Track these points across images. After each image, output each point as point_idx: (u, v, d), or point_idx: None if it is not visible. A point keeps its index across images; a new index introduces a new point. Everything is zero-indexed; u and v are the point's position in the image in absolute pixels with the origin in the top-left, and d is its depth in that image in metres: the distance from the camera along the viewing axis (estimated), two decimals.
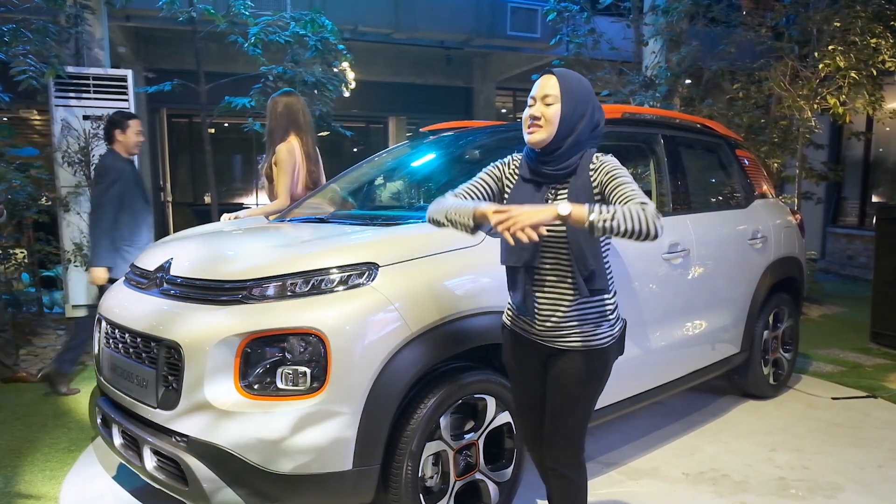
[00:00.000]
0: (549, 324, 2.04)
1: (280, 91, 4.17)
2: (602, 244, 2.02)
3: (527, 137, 2.01)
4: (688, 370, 3.57)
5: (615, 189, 1.90)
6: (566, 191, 2.00)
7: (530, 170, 2.05)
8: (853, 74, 6.40)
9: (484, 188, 2.12)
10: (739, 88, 7.23)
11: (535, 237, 1.74)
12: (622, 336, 2.16)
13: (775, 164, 7.05)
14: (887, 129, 8.99)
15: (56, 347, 5.45)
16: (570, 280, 1.99)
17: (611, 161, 1.99)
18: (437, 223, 2.04)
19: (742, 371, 4.11)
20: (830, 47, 6.45)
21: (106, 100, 5.86)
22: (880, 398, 4.30)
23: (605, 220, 1.74)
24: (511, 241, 1.79)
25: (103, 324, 2.75)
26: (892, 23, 6.51)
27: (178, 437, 2.27)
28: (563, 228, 1.94)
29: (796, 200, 7.16)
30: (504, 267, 2.11)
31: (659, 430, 3.76)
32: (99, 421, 2.79)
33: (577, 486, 2.14)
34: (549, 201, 2.01)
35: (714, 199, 4.20)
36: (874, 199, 9.78)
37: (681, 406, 4.13)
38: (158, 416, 2.32)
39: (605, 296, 2.05)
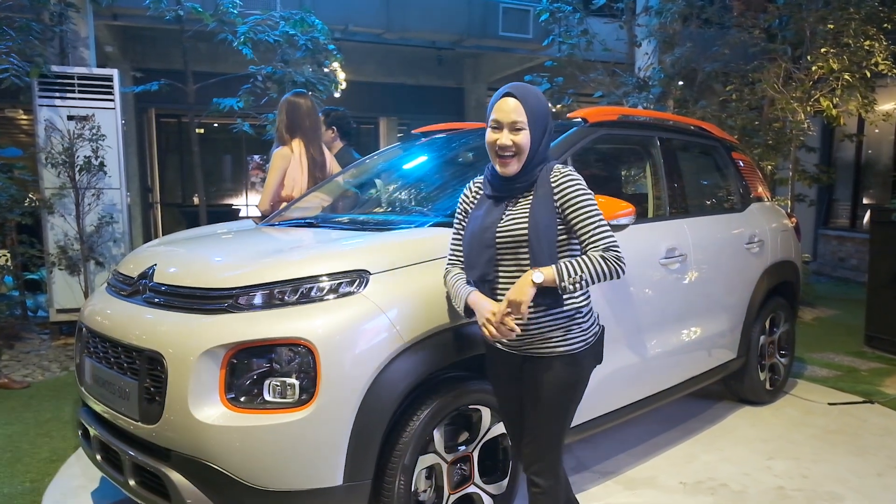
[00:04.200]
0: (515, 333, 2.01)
1: (291, 92, 4.12)
2: (559, 251, 2.01)
3: (499, 169, 2.03)
4: (685, 377, 3.51)
5: (580, 222, 1.98)
6: (528, 201, 2.02)
7: (493, 187, 2.10)
8: (846, 77, 6.38)
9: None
10: (732, 90, 7.20)
11: (515, 333, 1.94)
12: (598, 343, 2.14)
13: (769, 167, 7.02)
14: (877, 130, 9.00)
15: (40, 352, 5.34)
16: None
17: (573, 178, 2.01)
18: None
19: (738, 377, 4.06)
20: (823, 49, 6.42)
21: (91, 100, 5.74)
22: (877, 404, 4.26)
23: (575, 283, 1.90)
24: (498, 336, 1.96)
25: (84, 331, 2.66)
26: (885, 25, 6.50)
27: (160, 452, 2.18)
28: (524, 234, 1.97)
29: (790, 203, 7.14)
30: None
31: (655, 438, 3.69)
32: (79, 432, 2.70)
33: (552, 498, 2.11)
34: (507, 210, 2.04)
35: (711, 203, 4.15)
36: (865, 200, 9.79)
37: (677, 412, 4.07)
38: (140, 429, 2.23)
39: (577, 300, 2.04)
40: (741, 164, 4.27)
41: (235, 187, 12.88)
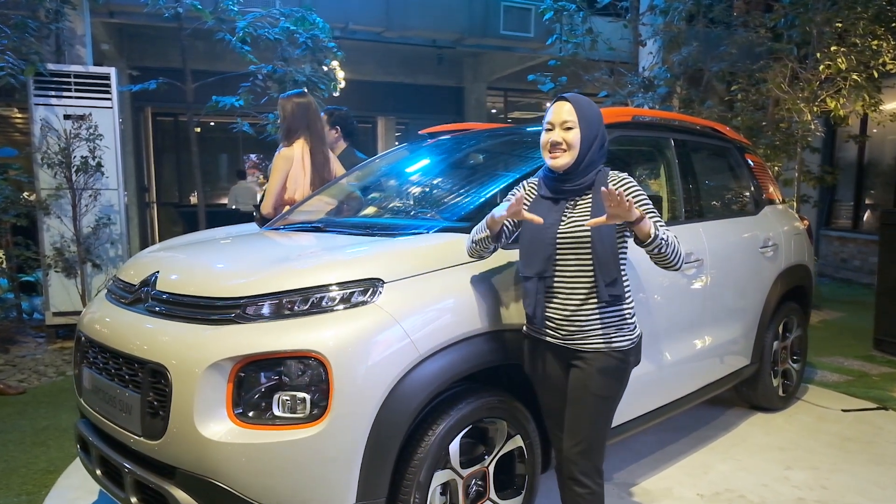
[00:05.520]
0: (571, 328, 2.14)
1: (293, 91, 4.01)
2: (621, 253, 2.14)
3: (550, 162, 2.16)
4: (700, 384, 3.42)
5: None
6: (588, 203, 2.14)
7: (549, 189, 2.21)
8: (854, 77, 6.30)
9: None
10: (738, 90, 7.11)
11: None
12: (639, 345, 2.26)
13: (776, 168, 6.95)
14: (874, 131, 8.94)
15: (36, 356, 5.23)
16: (588, 287, 2.10)
17: (630, 181, 2.18)
18: (471, 252, 2.24)
19: (751, 383, 3.97)
20: (833, 48, 6.34)
21: (88, 98, 5.64)
22: (891, 410, 4.17)
23: (663, 240, 2.04)
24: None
25: (83, 340, 2.55)
26: (893, 24, 6.42)
27: (164, 469, 2.09)
28: (587, 235, 2.08)
29: (795, 204, 7.06)
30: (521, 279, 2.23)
31: (668, 447, 3.61)
32: (78, 445, 2.60)
33: (599, 498, 2.17)
34: (567, 212, 2.15)
35: (725, 206, 4.06)
36: (867, 201, 9.73)
37: (688, 420, 3.98)
38: (143, 445, 2.13)
39: (628, 302, 2.18)
40: (753, 165, 4.19)
41: (233, 186, 12.74)
